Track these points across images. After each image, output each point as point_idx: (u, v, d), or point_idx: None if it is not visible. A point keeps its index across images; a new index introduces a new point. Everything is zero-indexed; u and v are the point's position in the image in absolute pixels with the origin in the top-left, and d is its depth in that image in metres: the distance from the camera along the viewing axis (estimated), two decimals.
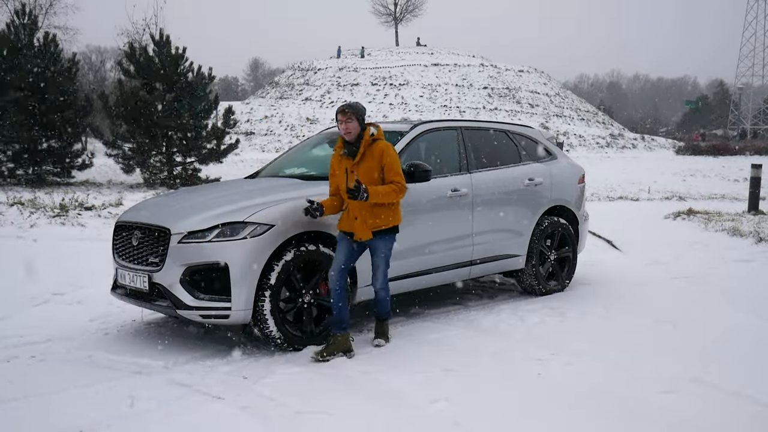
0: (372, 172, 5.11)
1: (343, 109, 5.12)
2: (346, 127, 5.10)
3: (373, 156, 5.11)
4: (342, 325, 5.16)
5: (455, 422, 3.94)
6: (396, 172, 5.13)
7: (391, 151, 5.16)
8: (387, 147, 5.16)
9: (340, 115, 5.12)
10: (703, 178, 25.32)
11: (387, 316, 5.51)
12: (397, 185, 5.11)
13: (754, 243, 9.81)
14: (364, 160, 5.12)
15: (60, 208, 12.00)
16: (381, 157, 5.10)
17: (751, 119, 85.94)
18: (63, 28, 40.48)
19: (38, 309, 6.49)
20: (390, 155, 5.14)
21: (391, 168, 5.12)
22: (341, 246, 5.20)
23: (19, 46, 18.83)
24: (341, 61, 63.93)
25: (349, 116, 5.08)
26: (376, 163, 5.11)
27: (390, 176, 5.11)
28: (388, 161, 5.11)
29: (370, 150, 5.13)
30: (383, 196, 5.06)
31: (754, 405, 4.18)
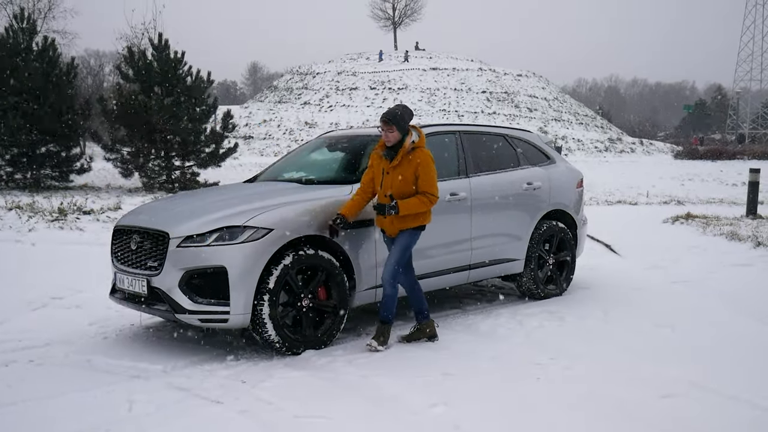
0: (406, 177, 5.28)
1: (386, 120, 5.26)
2: (386, 136, 5.29)
3: (410, 164, 5.27)
4: (424, 314, 5.56)
5: (454, 426, 3.93)
6: (429, 183, 5.28)
7: (428, 162, 5.30)
8: (425, 158, 5.31)
9: (382, 123, 5.29)
10: (702, 182, 25.36)
11: (388, 320, 5.45)
12: (429, 197, 5.28)
13: (753, 247, 9.82)
14: (401, 166, 5.28)
15: (58, 212, 11.99)
16: (417, 168, 5.25)
17: (750, 123, 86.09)
18: (62, 32, 40.42)
19: (37, 313, 6.49)
20: (426, 166, 5.28)
21: (425, 179, 5.27)
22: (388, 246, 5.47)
23: (17, 51, 18.83)
24: (340, 65, 63.98)
25: (391, 128, 5.26)
26: (411, 171, 5.27)
27: (423, 187, 5.28)
28: (422, 172, 5.27)
29: (408, 158, 5.29)
30: (412, 208, 5.25)
31: (752, 409, 4.18)
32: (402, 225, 5.33)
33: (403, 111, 5.34)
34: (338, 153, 6.74)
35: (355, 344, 5.54)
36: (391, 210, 5.21)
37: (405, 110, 5.36)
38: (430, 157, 5.35)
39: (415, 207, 5.25)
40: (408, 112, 5.38)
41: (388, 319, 5.45)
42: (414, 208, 5.25)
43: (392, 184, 5.29)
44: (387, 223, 5.37)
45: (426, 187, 5.27)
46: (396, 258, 5.33)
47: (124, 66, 19.78)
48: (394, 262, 5.33)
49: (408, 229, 5.36)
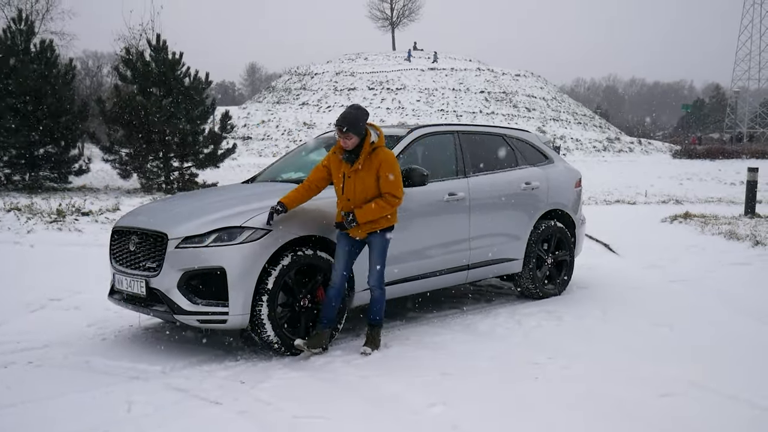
0: (368, 180, 5.09)
1: (340, 127, 5.03)
2: (344, 142, 5.08)
3: (372, 165, 5.09)
4: (329, 324, 5.23)
5: (453, 426, 3.94)
6: (391, 184, 5.09)
7: (389, 162, 5.10)
8: (386, 157, 5.12)
9: (337, 131, 5.08)
10: (700, 181, 25.38)
11: (379, 323, 5.42)
12: (391, 199, 5.09)
13: (751, 246, 9.82)
14: (362, 169, 5.10)
15: (57, 213, 11.98)
16: (378, 168, 5.08)
17: (748, 123, 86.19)
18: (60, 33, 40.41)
19: (35, 314, 6.48)
20: (388, 167, 5.08)
21: (387, 180, 5.08)
22: (340, 248, 5.22)
23: (15, 52, 18.82)
24: (338, 66, 63.97)
25: (348, 135, 5.04)
26: (373, 172, 5.09)
27: (385, 188, 5.09)
28: (384, 173, 5.07)
29: (369, 159, 5.11)
30: (372, 214, 5.07)
31: (751, 408, 4.19)
32: (369, 227, 5.16)
33: (357, 113, 5.09)
34: None
35: (353, 345, 5.54)
36: (351, 223, 5.06)
37: (359, 111, 5.11)
38: (392, 156, 5.16)
39: (375, 212, 5.07)
40: (362, 112, 5.12)
41: (378, 322, 5.42)
42: (373, 214, 5.07)
43: (355, 189, 5.10)
44: (353, 229, 5.17)
45: (388, 187, 5.07)
46: (379, 263, 5.24)
47: (122, 67, 19.78)
48: (378, 268, 5.25)
49: (379, 233, 5.21)
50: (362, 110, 5.15)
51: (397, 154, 6.07)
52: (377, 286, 5.30)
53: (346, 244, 5.21)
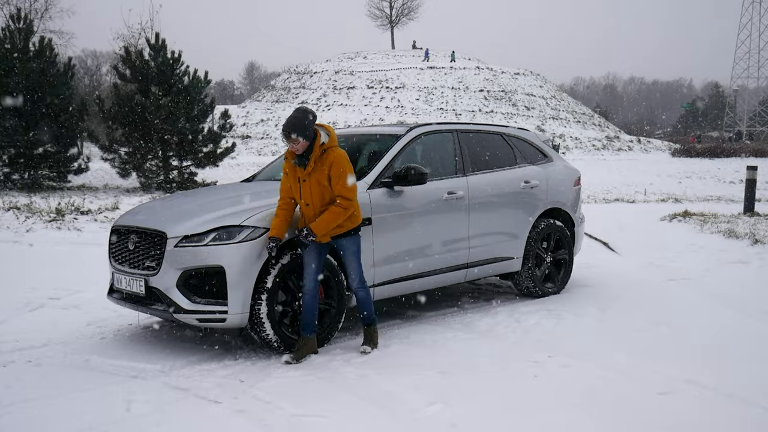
0: (323, 182, 4.98)
1: (286, 133, 4.90)
2: (294, 148, 4.95)
3: (323, 167, 4.96)
4: (312, 329, 5.17)
5: (452, 424, 3.94)
6: (342, 185, 4.94)
7: (340, 162, 4.96)
8: (337, 158, 4.97)
9: (285, 139, 4.95)
10: (699, 180, 25.38)
11: (373, 321, 5.41)
12: (343, 202, 4.95)
13: (750, 245, 9.83)
14: (315, 172, 4.98)
15: (56, 212, 11.98)
16: (329, 169, 4.95)
17: (747, 121, 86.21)
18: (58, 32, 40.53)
19: (34, 313, 6.49)
20: (339, 166, 4.94)
21: (338, 182, 4.94)
22: (308, 253, 5.10)
23: (14, 51, 18.81)
24: (337, 65, 63.95)
25: (295, 140, 4.90)
26: (325, 173, 4.96)
27: (337, 191, 4.96)
28: (335, 174, 4.94)
29: (321, 161, 4.97)
30: (329, 224, 4.95)
31: (749, 407, 4.19)
32: (333, 231, 5.04)
33: (303, 115, 4.94)
34: None
35: (352, 343, 5.55)
36: (308, 239, 4.95)
37: (304, 114, 4.96)
38: (343, 156, 5.00)
39: (330, 222, 4.95)
40: (308, 114, 4.97)
41: (372, 321, 5.40)
42: (327, 225, 4.94)
43: (312, 192, 5.00)
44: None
45: (339, 189, 4.93)
46: (355, 265, 5.19)
47: (121, 66, 19.78)
48: (355, 271, 5.20)
49: (348, 236, 5.12)
50: (308, 112, 5.00)
51: (396, 153, 6.08)
52: (360, 287, 5.25)
53: (313, 248, 5.10)
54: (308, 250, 5.10)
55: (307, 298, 5.11)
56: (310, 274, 5.09)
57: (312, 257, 5.09)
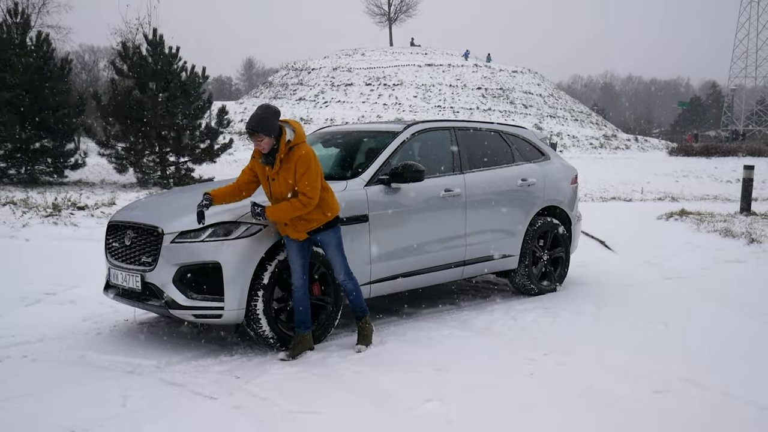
0: (291, 180, 4.92)
1: (250, 131, 4.81)
2: (260, 146, 4.89)
3: (290, 165, 4.90)
4: (307, 325, 5.16)
5: (447, 421, 3.95)
6: (306, 183, 4.86)
7: (305, 160, 4.87)
8: (303, 155, 4.88)
9: (249, 137, 4.88)
10: (696, 179, 25.41)
11: (364, 313, 5.36)
12: (303, 198, 4.86)
13: (746, 244, 9.85)
14: (282, 170, 4.92)
15: (53, 207, 11.96)
16: (295, 166, 4.88)
17: (744, 120, 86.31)
18: (56, 27, 40.35)
19: (30, 309, 6.48)
20: (303, 165, 4.86)
21: (302, 179, 4.86)
22: (291, 252, 5.08)
23: (11, 46, 18.75)
24: (335, 61, 63.86)
25: (259, 137, 4.83)
26: (292, 172, 4.90)
27: (300, 187, 4.87)
28: (300, 171, 4.86)
29: (287, 159, 4.91)
30: (284, 214, 4.90)
31: (744, 405, 4.20)
32: (307, 227, 5.00)
33: (266, 113, 4.86)
34: (333, 149, 6.75)
35: (348, 340, 5.55)
36: (256, 214, 4.92)
37: (268, 111, 4.88)
38: (309, 153, 4.91)
39: (286, 213, 4.88)
40: (271, 111, 4.90)
41: (363, 313, 5.36)
42: (283, 214, 4.88)
43: (281, 191, 4.95)
44: (290, 229, 5.01)
45: (302, 186, 4.85)
46: (339, 259, 5.16)
47: (118, 61, 19.71)
48: (340, 264, 5.17)
49: (326, 231, 5.09)
50: (271, 109, 4.93)
51: (394, 150, 6.08)
52: (346, 279, 5.23)
53: (295, 246, 5.08)
54: (290, 250, 5.09)
55: (297, 295, 5.10)
56: (297, 272, 5.08)
57: (295, 255, 5.08)
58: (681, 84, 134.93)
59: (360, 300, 5.34)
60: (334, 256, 5.18)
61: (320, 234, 5.10)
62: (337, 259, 5.18)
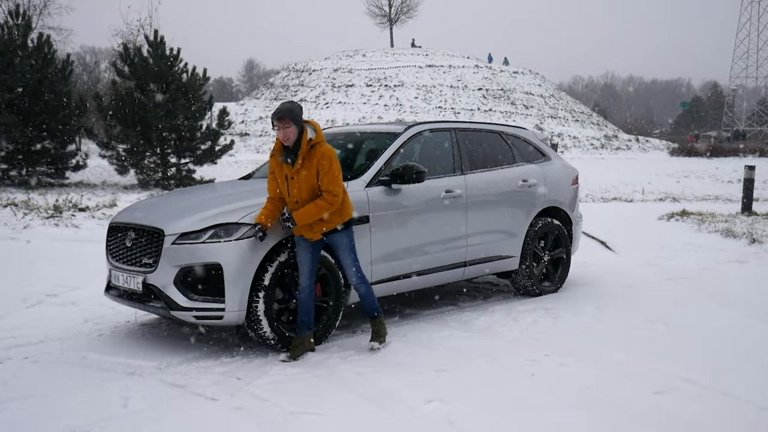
0: (311, 179, 4.95)
1: (279, 116, 4.87)
2: (284, 134, 4.91)
3: (312, 163, 4.93)
4: (309, 327, 5.16)
5: (448, 422, 3.95)
6: (330, 180, 4.92)
7: (328, 157, 4.93)
8: (325, 153, 4.94)
9: (276, 121, 4.91)
10: (697, 179, 25.39)
11: (376, 313, 5.37)
12: (329, 197, 4.92)
13: (747, 244, 9.85)
14: (303, 168, 4.95)
15: (54, 209, 11.97)
16: (318, 164, 4.93)
17: (745, 121, 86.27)
18: (57, 28, 40.34)
19: (32, 310, 6.48)
20: (327, 162, 4.91)
21: (326, 176, 4.91)
22: (302, 252, 5.08)
23: (12, 47, 18.77)
24: (336, 62, 63.87)
25: (286, 122, 4.88)
26: (314, 169, 4.93)
27: (324, 185, 4.93)
28: (323, 169, 4.91)
29: (309, 156, 4.94)
30: (312, 216, 4.93)
31: (745, 405, 4.20)
32: (323, 227, 5.02)
33: (293, 105, 4.96)
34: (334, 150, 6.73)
35: (350, 341, 5.55)
36: (286, 224, 4.95)
37: (294, 104, 4.98)
38: (331, 152, 4.97)
39: (314, 214, 4.92)
40: (298, 106, 4.99)
41: (377, 315, 5.38)
42: (312, 216, 4.92)
43: (300, 189, 4.96)
44: (305, 230, 5.00)
45: (326, 184, 4.90)
46: (351, 261, 5.16)
47: (119, 63, 19.71)
48: (352, 267, 5.18)
49: (339, 233, 5.10)
50: (297, 104, 5.04)
51: (394, 151, 6.09)
52: (360, 283, 5.23)
53: (306, 246, 5.09)
54: (301, 250, 5.09)
55: (303, 296, 5.10)
56: (305, 273, 5.08)
57: (305, 256, 5.08)
58: (682, 84, 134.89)
59: (374, 302, 5.34)
60: (345, 259, 5.18)
61: (334, 235, 5.10)
62: (348, 261, 5.18)
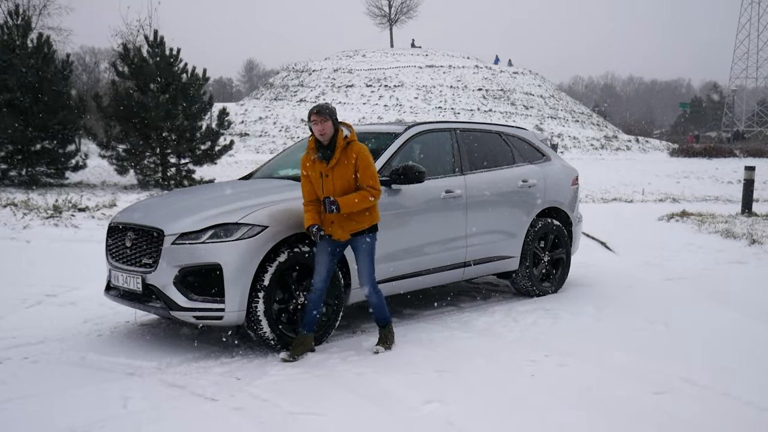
0: (347, 176, 5.02)
1: (318, 110, 4.97)
2: (322, 129, 4.98)
3: (348, 160, 5.02)
4: (313, 327, 5.16)
5: (448, 423, 3.94)
6: (370, 176, 5.04)
7: (365, 154, 5.06)
8: (362, 150, 5.06)
9: (314, 116, 4.97)
10: (697, 180, 25.39)
11: (386, 322, 5.37)
12: (370, 191, 5.03)
13: (747, 245, 9.84)
14: (339, 165, 5.02)
15: (53, 209, 11.96)
16: (356, 161, 5.02)
17: (745, 121, 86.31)
18: (57, 29, 40.32)
19: (31, 310, 6.48)
20: (365, 158, 5.03)
21: (365, 172, 5.03)
22: (322, 252, 5.11)
23: (12, 47, 18.76)
24: (336, 63, 63.86)
25: (324, 117, 4.96)
26: (350, 167, 5.02)
27: (364, 181, 5.02)
28: (362, 165, 5.02)
29: (345, 153, 5.03)
30: (355, 205, 4.99)
31: (745, 406, 4.20)
32: (353, 227, 5.08)
33: (329, 104, 5.08)
34: None
35: (349, 342, 5.55)
36: (331, 206, 4.94)
37: (330, 104, 5.10)
38: (366, 149, 5.10)
39: (357, 203, 4.98)
40: (332, 106, 5.10)
41: (386, 322, 5.38)
42: (356, 205, 4.98)
43: (335, 186, 5.02)
44: (336, 228, 5.07)
45: (366, 180, 5.02)
46: (368, 267, 5.18)
47: (119, 63, 19.70)
48: (367, 272, 5.18)
49: (365, 236, 5.17)
50: (331, 105, 5.14)
51: (394, 152, 6.09)
52: (372, 291, 5.23)
53: (328, 246, 5.11)
54: (321, 250, 5.11)
55: (314, 296, 5.10)
56: (321, 273, 5.10)
57: (325, 256, 5.11)
58: (682, 85, 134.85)
59: (384, 310, 5.34)
60: (363, 262, 5.19)
61: (360, 237, 5.13)
62: (365, 265, 5.19)
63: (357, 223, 5.09)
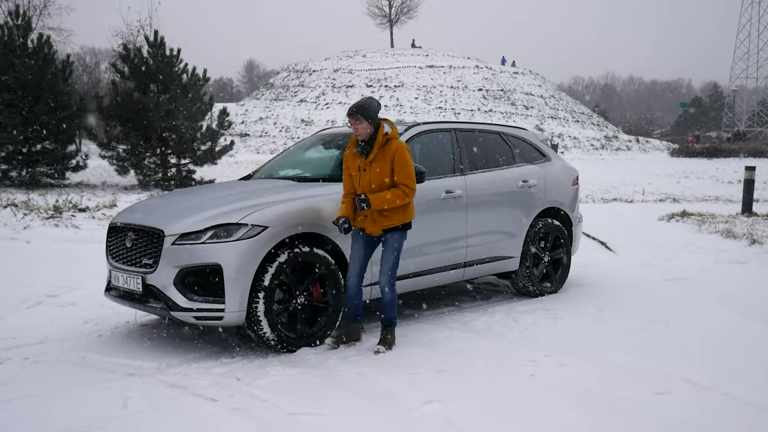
0: (384, 172, 5.13)
1: (351, 112, 5.10)
2: (356, 130, 5.13)
3: (386, 157, 5.13)
4: (358, 318, 5.36)
5: (448, 423, 3.94)
6: (406, 174, 5.12)
7: (403, 152, 5.14)
8: (400, 148, 5.15)
9: (349, 117, 5.13)
10: (697, 180, 25.39)
11: (392, 322, 5.39)
12: (404, 189, 5.11)
13: (748, 245, 9.84)
14: (377, 161, 5.13)
15: (54, 209, 11.97)
16: (393, 159, 5.11)
17: (746, 121, 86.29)
18: (57, 29, 40.30)
19: (31, 311, 6.48)
20: (402, 157, 5.12)
21: (402, 170, 5.12)
22: (357, 247, 5.28)
23: (12, 48, 18.77)
24: (336, 63, 63.88)
25: (357, 119, 5.09)
26: (388, 164, 5.12)
27: (400, 179, 5.12)
28: (399, 163, 5.11)
29: (383, 150, 5.13)
30: (387, 202, 5.08)
31: (745, 406, 4.20)
32: (385, 223, 5.17)
33: (369, 102, 5.15)
34: (334, 150, 6.73)
35: (350, 343, 5.54)
36: (361, 204, 5.05)
37: (371, 102, 5.17)
38: (405, 147, 5.19)
39: (389, 201, 5.07)
40: (375, 103, 5.18)
41: (392, 322, 5.40)
42: (387, 202, 5.07)
43: (371, 181, 5.13)
44: (369, 222, 5.19)
45: (402, 178, 5.10)
46: (391, 264, 5.23)
47: (119, 63, 19.73)
48: (389, 269, 5.23)
49: (396, 232, 5.22)
50: (374, 100, 5.22)
51: None
52: (389, 289, 5.26)
53: (362, 241, 5.25)
54: (356, 244, 5.26)
55: (350, 292, 5.28)
56: (355, 267, 5.25)
57: (360, 251, 5.26)
58: (682, 85, 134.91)
59: (394, 311, 5.38)
60: (388, 258, 5.24)
61: (390, 233, 5.22)
62: (389, 262, 5.24)
63: (388, 219, 5.17)
